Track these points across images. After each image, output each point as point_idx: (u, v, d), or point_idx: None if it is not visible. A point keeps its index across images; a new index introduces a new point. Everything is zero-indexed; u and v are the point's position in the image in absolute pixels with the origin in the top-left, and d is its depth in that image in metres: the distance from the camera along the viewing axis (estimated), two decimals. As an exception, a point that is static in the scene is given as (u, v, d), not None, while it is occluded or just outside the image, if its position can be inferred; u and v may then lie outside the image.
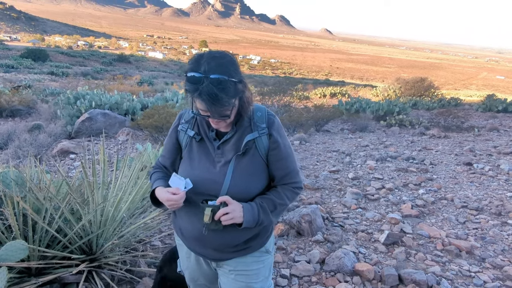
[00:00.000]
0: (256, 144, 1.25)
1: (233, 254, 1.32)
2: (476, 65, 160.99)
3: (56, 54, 51.78)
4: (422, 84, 17.29)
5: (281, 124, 1.32)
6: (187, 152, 1.32)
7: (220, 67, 1.09)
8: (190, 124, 1.32)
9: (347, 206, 3.90)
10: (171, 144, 1.38)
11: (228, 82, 1.09)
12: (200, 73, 1.08)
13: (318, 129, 9.25)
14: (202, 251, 1.35)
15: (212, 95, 1.07)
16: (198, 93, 1.08)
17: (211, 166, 1.26)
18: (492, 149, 6.91)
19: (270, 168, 1.29)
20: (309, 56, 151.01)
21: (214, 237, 1.28)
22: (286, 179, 1.30)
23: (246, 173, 1.24)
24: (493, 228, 3.45)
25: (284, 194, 1.28)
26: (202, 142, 1.29)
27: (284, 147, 1.28)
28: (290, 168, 1.29)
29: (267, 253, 1.39)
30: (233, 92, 1.11)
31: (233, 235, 1.28)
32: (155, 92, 15.47)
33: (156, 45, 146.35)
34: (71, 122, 7.49)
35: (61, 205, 1.97)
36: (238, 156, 1.24)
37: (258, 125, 1.26)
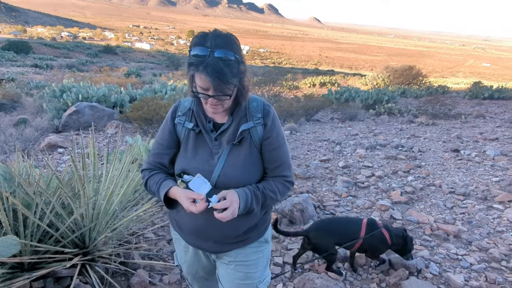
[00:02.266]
0: (251, 134, 1.24)
1: (233, 246, 1.32)
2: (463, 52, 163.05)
3: (39, 46, 50.27)
4: (410, 72, 17.46)
5: (277, 115, 1.32)
6: (184, 144, 1.29)
7: (226, 44, 1.10)
8: (187, 117, 1.29)
9: (338, 194, 3.96)
10: (168, 139, 1.32)
11: (234, 59, 1.10)
12: (206, 48, 1.08)
13: (308, 119, 9.28)
14: (201, 244, 1.34)
15: (218, 69, 1.07)
16: (203, 66, 1.07)
17: (210, 157, 1.25)
18: (478, 135, 7.07)
19: (263, 158, 1.28)
20: (298, 45, 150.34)
21: (214, 230, 1.27)
22: (278, 171, 1.28)
23: (240, 163, 1.23)
24: (479, 212, 3.56)
25: (276, 187, 1.27)
26: (200, 134, 1.28)
27: (277, 136, 1.28)
28: (282, 159, 1.28)
29: (266, 243, 1.40)
30: (236, 70, 1.12)
31: (233, 227, 1.28)
32: (143, 84, 15.22)
33: (142, 36, 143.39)
34: (57, 115, 7.34)
35: (51, 199, 1.95)
36: (233, 146, 1.24)
37: (254, 115, 1.25)
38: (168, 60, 48.21)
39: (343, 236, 2.34)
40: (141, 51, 68.92)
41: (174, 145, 1.32)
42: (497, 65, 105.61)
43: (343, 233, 2.35)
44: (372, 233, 2.30)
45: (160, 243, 2.67)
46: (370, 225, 2.35)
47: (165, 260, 2.46)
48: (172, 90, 9.78)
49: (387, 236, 2.32)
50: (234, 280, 1.35)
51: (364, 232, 2.31)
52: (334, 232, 2.35)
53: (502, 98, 13.75)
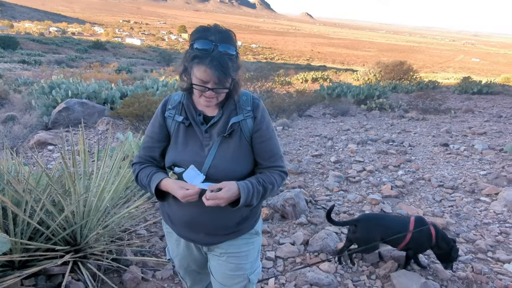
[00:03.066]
0: (241, 127, 1.27)
1: (224, 237, 1.34)
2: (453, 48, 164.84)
3: (27, 41, 49.27)
4: (401, 68, 17.61)
5: (265, 108, 1.34)
6: (174, 137, 1.31)
7: (228, 39, 1.16)
8: (177, 110, 1.31)
9: (329, 189, 4.00)
10: (158, 132, 1.34)
11: (235, 54, 1.15)
12: (211, 42, 1.12)
13: (300, 114, 9.32)
14: (193, 237, 1.36)
15: (223, 63, 1.12)
16: (210, 60, 1.11)
17: (200, 150, 1.26)
18: (467, 130, 7.20)
19: (255, 151, 1.30)
20: (290, 40, 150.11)
21: (206, 222, 1.29)
22: (271, 161, 1.31)
23: (230, 155, 1.25)
24: (467, 205, 3.64)
25: (274, 178, 1.29)
26: (190, 127, 1.29)
27: (267, 129, 1.30)
28: (274, 151, 1.31)
29: (257, 235, 1.42)
30: (237, 65, 1.18)
31: (225, 219, 1.30)
32: (134, 80, 15.06)
33: (133, 31, 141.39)
34: (47, 112, 7.23)
35: (41, 197, 1.93)
36: (223, 138, 1.26)
37: (244, 108, 1.28)
38: (160, 56, 47.68)
39: (390, 230, 2.34)
40: (132, 47, 68.04)
41: (165, 138, 1.34)
42: (486, 60, 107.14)
43: (391, 227, 2.36)
44: (421, 228, 2.29)
45: (152, 239, 2.67)
46: (419, 221, 2.35)
47: (157, 256, 2.46)
48: (163, 86, 9.70)
49: (433, 234, 2.31)
50: (225, 272, 1.37)
51: (412, 227, 2.31)
52: (382, 225, 2.37)
53: (491, 93, 13.99)
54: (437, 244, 2.31)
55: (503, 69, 70.95)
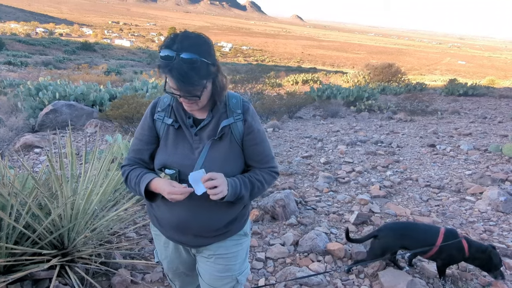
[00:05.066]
0: (231, 129, 1.27)
1: (213, 239, 1.34)
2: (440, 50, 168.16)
3: (12, 42, 48.30)
4: (390, 70, 17.90)
5: (255, 111, 1.35)
6: (164, 140, 1.30)
7: (193, 46, 1.10)
8: (167, 112, 1.30)
9: (319, 189, 4.04)
10: (148, 134, 1.33)
11: (200, 62, 1.10)
12: (173, 50, 1.09)
13: (290, 116, 9.37)
14: (181, 239, 1.35)
15: (182, 72, 1.09)
16: (168, 69, 1.10)
17: (190, 152, 1.26)
18: (453, 131, 7.36)
19: (246, 153, 1.31)
20: (281, 43, 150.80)
21: (195, 224, 1.29)
22: (262, 163, 1.33)
23: (221, 158, 1.26)
24: (453, 204, 3.72)
25: (262, 176, 1.31)
26: (180, 129, 1.29)
27: (258, 132, 1.31)
28: (265, 152, 1.33)
29: (245, 236, 1.43)
30: (204, 72, 1.12)
31: (214, 220, 1.30)
32: (124, 82, 14.91)
33: (122, 32, 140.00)
34: (33, 114, 7.10)
35: (27, 200, 1.90)
36: (214, 141, 1.26)
37: (234, 111, 1.28)
38: (149, 58, 47.29)
39: (416, 241, 2.26)
40: (121, 48, 67.36)
41: (154, 140, 1.33)
42: (471, 62, 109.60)
43: (416, 239, 2.27)
44: (450, 242, 2.19)
45: (142, 242, 2.65)
46: (449, 235, 2.24)
47: (147, 259, 2.45)
48: (153, 88, 9.63)
49: (466, 247, 2.19)
50: (213, 273, 1.37)
51: (440, 241, 2.21)
52: (406, 236, 2.29)
53: (476, 94, 14.33)
54: (473, 256, 2.21)
55: (488, 71, 72.75)
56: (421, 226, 2.54)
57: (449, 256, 2.24)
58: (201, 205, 1.25)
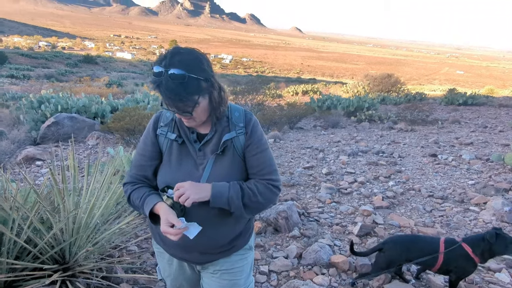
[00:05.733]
0: (234, 143, 1.25)
1: (218, 255, 1.32)
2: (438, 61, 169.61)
3: (15, 55, 48.85)
4: (389, 80, 18.00)
5: (258, 122, 1.33)
6: (167, 156, 1.28)
7: (182, 62, 1.09)
8: (170, 127, 1.28)
9: (322, 201, 4.01)
10: (150, 150, 1.30)
11: (188, 78, 1.08)
12: (161, 67, 1.09)
13: (291, 127, 9.39)
14: (186, 256, 1.33)
15: (169, 89, 1.08)
16: (157, 85, 1.09)
17: (194, 168, 1.25)
18: (454, 140, 7.35)
19: (247, 165, 1.28)
20: (280, 54, 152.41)
21: (200, 242, 1.25)
22: (261, 174, 1.27)
23: (224, 172, 1.24)
24: (457, 214, 3.69)
25: (256, 186, 1.24)
26: (183, 145, 1.27)
27: (259, 142, 1.28)
28: (265, 163, 1.28)
29: (250, 250, 1.41)
30: (193, 89, 1.10)
31: (219, 237, 1.28)
32: (125, 94, 15.02)
33: (124, 45, 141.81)
34: (35, 127, 7.12)
35: (29, 214, 1.89)
36: (217, 156, 1.24)
37: (236, 125, 1.26)
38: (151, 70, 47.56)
39: (421, 254, 2.22)
40: (123, 61, 68.06)
41: (157, 156, 1.31)
42: (470, 72, 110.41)
43: (421, 251, 2.24)
44: (452, 248, 2.14)
45: (143, 256, 2.62)
46: (448, 242, 2.21)
47: (149, 273, 2.42)
48: (154, 100, 9.69)
49: (470, 251, 2.12)
50: None
51: (442, 248, 2.18)
52: (411, 249, 2.26)
53: (476, 104, 14.37)
54: (481, 254, 2.13)
55: (486, 81, 73.20)
56: (425, 238, 2.52)
57: (459, 267, 2.17)
58: (207, 222, 1.23)
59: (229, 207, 1.20)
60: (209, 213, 1.23)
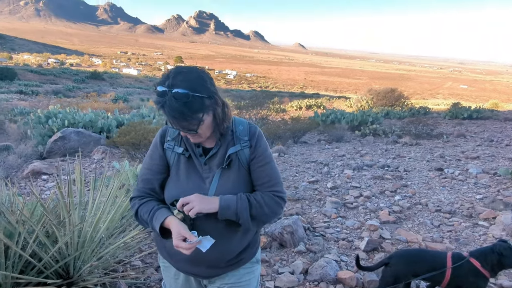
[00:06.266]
0: (239, 157, 1.26)
1: (226, 269, 1.31)
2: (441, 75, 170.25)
3: (25, 72, 49.91)
4: (393, 95, 18.06)
5: (263, 134, 1.34)
6: (175, 170, 1.29)
7: (184, 81, 1.10)
8: (177, 141, 1.30)
9: (327, 215, 3.97)
10: (158, 164, 1.31)
11: (192, 97, 1.09)
12: (164, 87, 1.10)
13: (295, 141, 9.39)
14: (193, 270, 1.32)
15: (173, 109, 1.09)
16: (161, 106, 1.11)
17: (201, 182, 1.25)
18: (460, 154, 7.29)
19: (252, 177, 1.29)
20: (284, 70, 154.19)
21: (208, 255, 1.24)
22: (266, 186, 1.27)
23: (230, 186, 1.25)
24: (466, 229, 3.62)
25: (262, 198, 1.24)
26: (190, 158, 1.28)
27: (263, 154, 1.29)
28: (270, 176, 1.28)
29: (257, 263, 1.40)
30: (197, 107, 1.12)
31: (227, 250, 1.27)
32: (131, 109, 15.20)
33: (130, 62, 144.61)
34: (42, 142, 7.21)
35: (35, 228, 1.89)
36: (223, 170, 1.25)
37: (241, 138, 1.27)
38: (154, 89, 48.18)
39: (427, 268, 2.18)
40: (129, 77, 69.22)
41: (164, 170, 1.31)
42: (473, 86, 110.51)
43: (427, 265, 2.19)
44: (460, 263, 2.08)
45: (147, 271, 2.59)
46: (455, 256, 2.15)
47: (153, 289, 2.38)
48: (160, 115, 9.79)
49: (479, 265, 2.05)
50: None
51: (450, 263, 2.12)
52: (418, 263, 2.22)
53: (481, 118, 14.31)
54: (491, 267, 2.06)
55: (491, 95, 73.10)
56: (432, 252, 2.50)
57: (469, 283, 2.10)
58: (215, 236, 1.22)
59: (237, 219, 1.20)
60: (217, 226, 1.22)
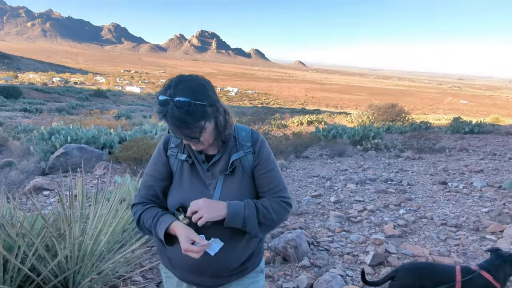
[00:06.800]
0: (242, 163, 1.26)
1: (230, 278, 1.29)
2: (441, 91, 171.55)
3: (29, 90, 50.66)
4: (393, 110, 18.14)
5: (265, 141, 1.34)
6: (178, 177, 1.29)
7: (186, 90, 1.11)
8: (180, 148, 1.30)
9: (331, 229, 3.91)
10: (161, 171, 1.30)
11: (193, 105, 1.10)
12: (166, 96, 1.11)
13: (297, 156, 9.38)
14: (196, 280, 1.29)
15: (176, 117, 1.09)
16: (163, 115, 1.11)
17: (205, 189, 1.25)
18: (463, 168, 7.24)
19: (257, 184, 1.29)
20: (284, 86, 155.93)
21: (212, 264, 1.23)
22: (272, 192, 1.27)
23: (234, 192, 1.24)
24: (473, 243, 3.54)
25: (270, 204, 1.24)
26: (193, 165, 1.28)
27: (267, 160, 1.29)
28: (275, 182, 1.28)
29: (261, 273, 1.38)
30: (199, 115, 1.12)
31: (230, 259, 1.25)
32: (133, 126, 15.29)
33: (133, 80, 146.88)
34: (45, 158, 7.23)
35: (35, 241, 1.87)
36: (226, 176, 1.25)
37: (244, 144, 1.27)
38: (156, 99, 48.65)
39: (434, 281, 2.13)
40: (132, 94, 70.05)
41: (167, 177, 1.31)
42: (473, 102, 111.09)
43: (435, 278, 2.14)
44: (471, 276, 2.04)
45: (148, 287, 2.53)
46: (465, 271, 2.12)
47: (153, 305, 2.32)
48: (162, 130, 9.84)
49: (491, 278, 2.01)
50: None
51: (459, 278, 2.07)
52: (424, 276, 2.17)
53: (482, 132, 14.29)
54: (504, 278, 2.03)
55: (491, 109, 73.35)
56: (438, 266, 2.45)
57: None
58: None
59: (244, 226, 1.18)
60: (222, 234, 1.20)
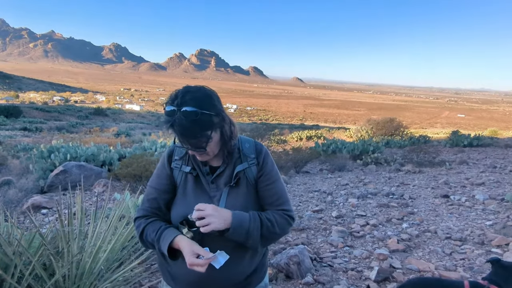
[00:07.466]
0: (246, 174, 1.26)
1: None
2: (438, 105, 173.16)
3: (30, 110, 50.96)
4: (392, 124, 18.24)
5: (269, 152, 1.34)
6: (182, 189, 1.28)
7: (193, 100, 1.12)
8: (184, 161, 1.29)
9: (334, 245, 3.84)
10: (165, 183, 1.29)
11: (200, 114, 1.10)
12: (173, 106, 1.11)
13: (297, 171, 9.34)
14: None
15: (183, 127, 1.10)
16: (170, 125, 1.11)
17: (209, 200, 1.23)
18: (465, 181, 7.20)
19: (260, 195, 1.28)
20: (283, 103, 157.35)
21: (215, 279, 1.20)
22: (275, 205, 1.27)
23: (239, 204, 1.23)
24: (479, 257, 3.48)
25: (273, 217, 1.23)
26: (197, 177, 1.27)
27: (271, 172, 1.29)
28: (279, 194, 1.28)
29: (266, 287, 1.35)
30: (206, 124, 1.13)
31: (234, 274, 1.23)
32: (133, 143, 15.29)
33: (133, 98, 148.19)
34: (44, 176, 7.17)
35: (32, 259, 1.82)
36: (231, 188, 1.24)
37: (248, 156, 1.27)
38: (158, 120, 49.14)
39: None
40: (132, 112, 70.55)
41: (171, 190, 1.30)
42: (470, 115, 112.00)
43: None
44: None
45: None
46: (473, 285, 2.04)
47: (153, 326, 2.24)
48: (162, 147, 9.83)
49: None
50: None
51: None
52: None
53: (481, 145, 14.31)
54: None
55: (488, 123, 73.81)
56: (446, 281, 2.38)
57: None
58: None
59: (246, 239, 1.16)
60: (226, 246, 1.18)
